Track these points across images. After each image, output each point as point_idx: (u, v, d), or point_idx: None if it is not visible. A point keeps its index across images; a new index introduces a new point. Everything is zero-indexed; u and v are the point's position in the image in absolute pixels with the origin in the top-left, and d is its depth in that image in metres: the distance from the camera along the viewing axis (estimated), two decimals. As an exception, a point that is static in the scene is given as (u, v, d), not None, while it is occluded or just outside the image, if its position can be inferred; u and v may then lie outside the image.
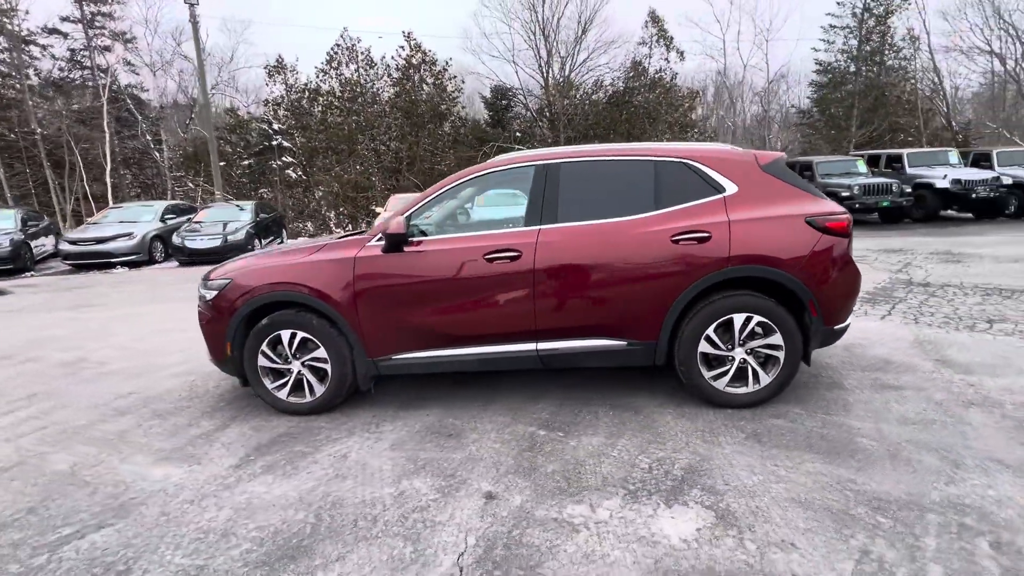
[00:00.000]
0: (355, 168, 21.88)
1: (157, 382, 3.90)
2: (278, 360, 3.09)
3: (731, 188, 2.86)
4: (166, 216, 12.24)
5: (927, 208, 12.47)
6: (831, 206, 2.87)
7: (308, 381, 3.10)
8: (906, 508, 1.99)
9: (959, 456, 2.33)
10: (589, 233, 2.88)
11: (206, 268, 3.80)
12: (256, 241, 11.71)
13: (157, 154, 23.93)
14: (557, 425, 2.85)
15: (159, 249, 11.62)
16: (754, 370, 2.86)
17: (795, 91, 27.52)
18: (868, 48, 22.50)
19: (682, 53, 21.51)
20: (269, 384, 3.12)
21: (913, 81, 23.76)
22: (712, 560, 1.78)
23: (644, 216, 2.87)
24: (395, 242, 2.91)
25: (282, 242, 14.18)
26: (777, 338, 2.80)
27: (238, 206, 12.93)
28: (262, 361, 3.09)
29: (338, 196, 22.71)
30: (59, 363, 4.54)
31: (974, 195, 11.87)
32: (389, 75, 23.40)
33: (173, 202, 14.10)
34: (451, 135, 22.84)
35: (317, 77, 22.74)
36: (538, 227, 2.91)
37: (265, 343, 3.06)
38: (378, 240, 3.01)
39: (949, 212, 13.08)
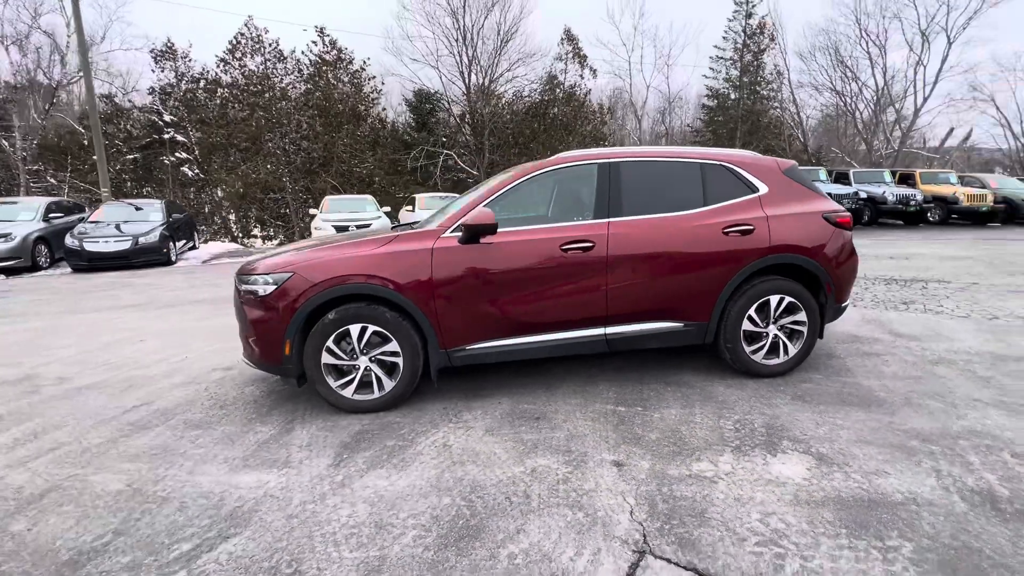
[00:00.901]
0: (264, 167, 20.25)
1: (160, 394, 3.47)
2: (344, 356, 2.96)
3: (763, 188, 3.34)
4: (50, 215, 10.39)
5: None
6: (837, 204, 3.48)
7: (377, 376, 3.01)
8: (943, 438, 2.53)
9: (952, 399, 2.98)
10: (652, 225, 3.17)
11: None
12: (171, 244, 10.42)
13: (5, 143, 20.09)
14: (630, 402, 3.09)
15: (43, 253, 9.84)
16: (784, 344, 3.35)
17: (682, 112, 30.79)
18: (747, 79, 26.03)
19: (595, 71, 23.06)
20: (333, 383, 2.98)
21: (779, 109, 27.82)
22: (835, 489, 2.14)
23: (697, 211, 3.23)
24: (476, 233, 2.96)
25: (195, 246, 12.74)
26: (803, 315, 3.32)
27: (133, 205, 11.38)
28: (326, 358, 2.94)
29: (243, 197, 20.85)
30: (1, 381, 3.80)
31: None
32: (299, 71, 22.07)
33: (55, 199, 11.96)
34: (371, 137, 22.10)
35: (217, 67, 20.75)
36: (607, 220, 3.14)
37: (331, 339, 2.92)
38: (453, 231, 3.03)
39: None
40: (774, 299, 3.27)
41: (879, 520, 1.94)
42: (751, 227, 3.21)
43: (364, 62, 22.01)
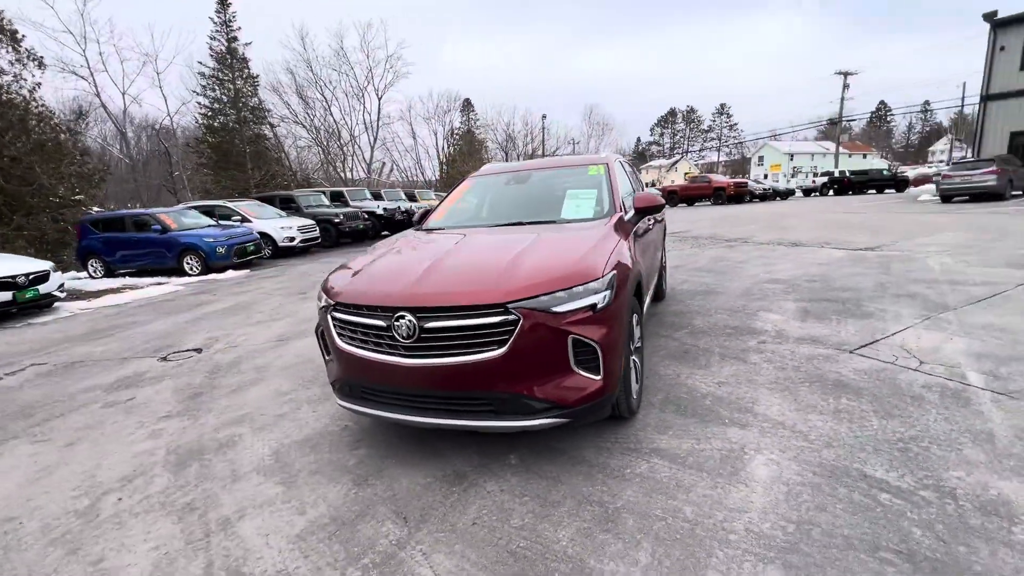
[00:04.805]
0: None
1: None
2: (626, 358, 2.65)
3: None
4: None
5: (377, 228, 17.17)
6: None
7: (636, 367, 2.85)
8: (858, 305, 5.34)
9: (820, 287, 5.93)
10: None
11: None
12: None
13: None
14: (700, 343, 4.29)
15: None
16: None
17: (184, 133, 26.13)
18: (241, 103, 24.99)
19: (40, 60, 16.20)
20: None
21: (271, 139, 28.66)
22: (876, 360, 4.41)
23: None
24: (646, 214, 3.30)
25: None
26: (666, 258, 5.50)
27: None
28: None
29: None
30: None
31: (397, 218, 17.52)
32: None
33: None
34: None
35: None
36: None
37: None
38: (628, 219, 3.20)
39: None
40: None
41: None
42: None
43: None
